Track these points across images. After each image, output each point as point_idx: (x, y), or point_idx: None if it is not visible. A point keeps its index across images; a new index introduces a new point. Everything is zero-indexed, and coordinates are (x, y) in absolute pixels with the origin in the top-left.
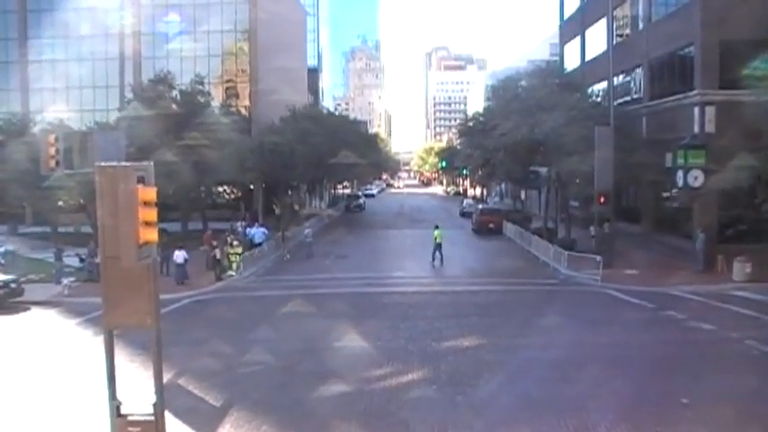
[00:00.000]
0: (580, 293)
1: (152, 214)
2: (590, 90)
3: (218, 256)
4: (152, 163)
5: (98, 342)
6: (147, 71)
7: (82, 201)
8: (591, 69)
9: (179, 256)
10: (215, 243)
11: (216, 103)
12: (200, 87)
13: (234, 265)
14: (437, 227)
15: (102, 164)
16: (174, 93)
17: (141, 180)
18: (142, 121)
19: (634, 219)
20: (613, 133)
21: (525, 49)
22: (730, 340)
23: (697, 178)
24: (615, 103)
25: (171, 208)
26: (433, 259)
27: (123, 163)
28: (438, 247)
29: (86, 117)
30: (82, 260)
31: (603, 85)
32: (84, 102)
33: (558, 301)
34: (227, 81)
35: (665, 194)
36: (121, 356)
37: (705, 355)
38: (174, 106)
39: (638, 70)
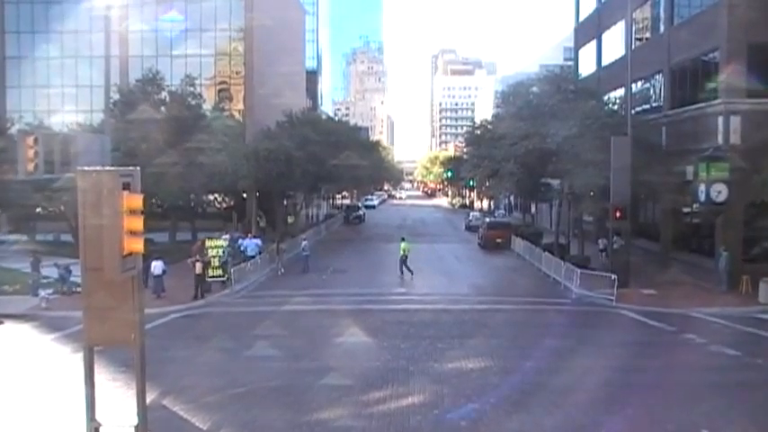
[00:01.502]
0: (593, 314)
1: (138, 223)
2: (606, 97)
3: (197, 270)
4: (138, 168)
5: (77, 359)
6: (134, 71)
7: (62, 207)
8: (607, 75)
9: (156, 266)
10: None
11: (208, 106)
12: (192, 89)
13: (219, 271)
14: (403, 239)
15: (85, 168)
16: (164, 94)
17: (127, 186)
18: (128, 123)
19: (652, 235)
20: (631, 144)
21: (537, 53)
22: (756, 367)
23: (720, 192)
24: (633, 112)
25: (158, 217)
26: (401, 273)
27: (108, 168)
28: (404, 260)
29: (68, 118)
30: (68, 271)
31: (621, 92)
32: (66, 102)
33: (569, 321)
34: (221, 83)
35: (686, 210)
36: (102, 375)
37: (728, 382)
38: (162, 109)
39: (659, 77)
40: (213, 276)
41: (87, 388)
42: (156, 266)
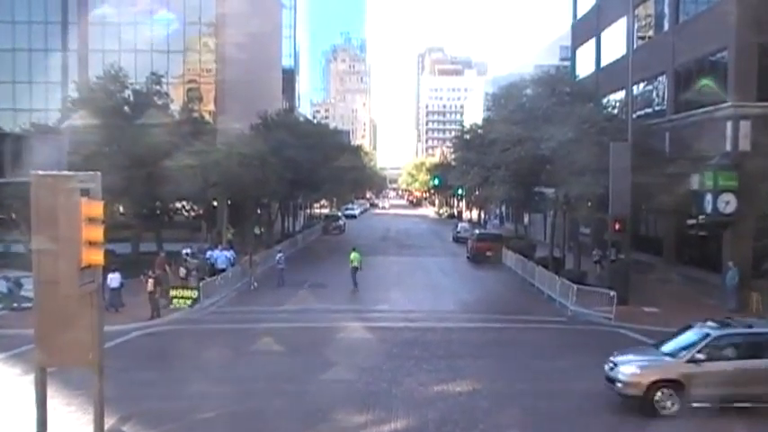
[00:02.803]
0: (590, 333)
1: (98, 233)
2: (605, 100)
3: (149, 287)
4: (99, 173)
5: (27, 382)
6: (94, 66)
7: (13, 215)
8: (607, 77)
9: (113, 279)
10: (168, 268)
11: (175, 106)
12: (158, 87)
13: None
14: (354, 249)
15: (40, 172)
16: (127, 93)
17: (86, 193)
18: (88, 124)
19: (654, 249)
20: (631, 150)
21: (532, 53)
22: None
23: (728, 203)
24: (634, 116)
25: (120, 226)
26: (355, 285)
27: (65, 172)
28: (354, 270)
29: (21, 117)
30: (19, 285)
31: (621, 94)
32: (18, 99)
33: (564, 341)
34: (189, 81)
35: (691, 221)
36: (56, 399)
37: (740, 410)
38: (126, 108)
39: (662, 78)
40: (177, 298)
41: (39, 413)
42: (113, 279)
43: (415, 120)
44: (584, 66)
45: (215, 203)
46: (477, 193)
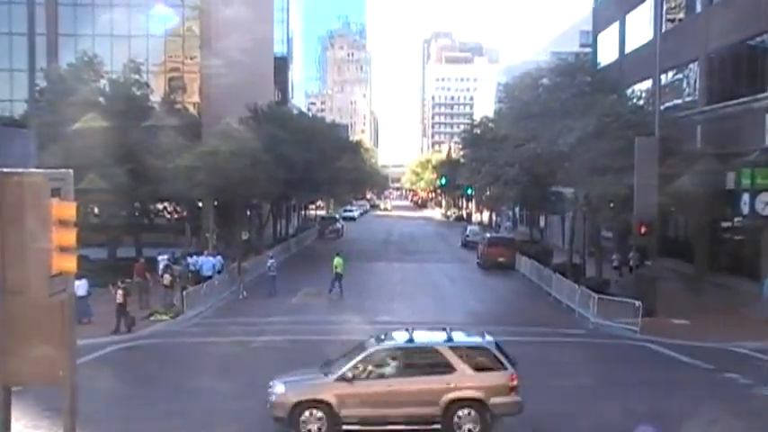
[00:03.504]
0: (614, 348)
1: (70, 236)
2: (630, 91)
3: (119, 299)
4: (71, 171)
5: None
6: (66, 53)
7: None
8: (632, 64)
9: (79, 286)
10: (148, 275)
11: (156, 97)
12: (137, 77)
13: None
14: (338, 254)
15: (5, 170)
16: (102, 82)
17: (57, 192)
18: (59, 116)
19: (684, 254)
20: (659, 146)
21: (548, 38)
22: None
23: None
24: (662, 108)
25: (96, 229)
26: (331, 290)
27: (33, 170)
28: (338, 277)
29: None
30: None
31: (648, 84)
32: None
33: (585, 356)
34: (172, 70)
35: (726, 224)
36: (21, 421)
37: None
38: (101, 99)
39: (694, 66)
40: (157, 314)
41: None
42: (79, 286)
43: (420, 113)
44: (607, 53)
45: (200, 204)
46: (488, 193)
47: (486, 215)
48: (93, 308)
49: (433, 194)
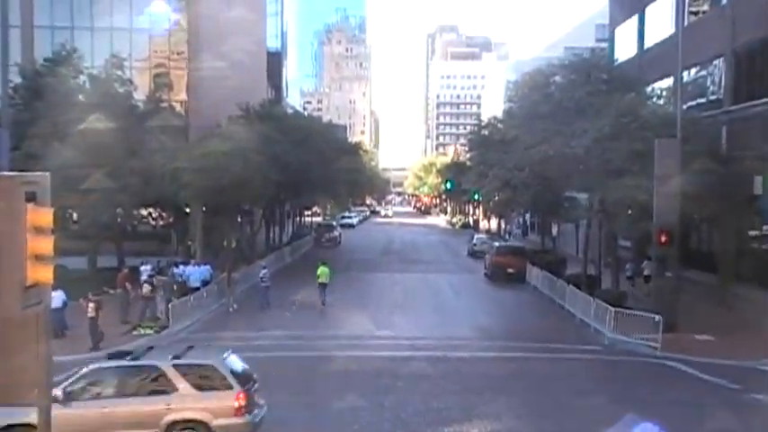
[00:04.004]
0: (632, 365)
1: (46, 244)
2: (649, 89)
3: (90, 312)
4: (48, 174)
5: None
6: (42, 47)
7: None
8: (652, 61)
9: (55, 298)
10: (130, 286)
11: (140, 94)
12: (119, 72)
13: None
14: (324, 263)
15: None
16: (82, 78)
17: (32, 197)
18: (34, 115)
19: (707, 265)
20: (681, 148)
21: (561, 33)
22: None
23: None
24: (684, 107)
25: (74, 237)
26: (323, 302)
27: (6, 172)
28: (322, 287)
29: None
30: None
31: (669, 82)
32: None
33: (601, 374)
34: (157, 66)
35: (753, 233)
36: None
37: None
38: (80, 97)
39: (719, 62)
40: (141, 328)
41: None
42: (55, 298)
43: (423, 113)
44: (625, 48)
45: (187, 210)
46: (496, 198)
47: (494, 222)
48: (68, 321)
49: (438, 200)
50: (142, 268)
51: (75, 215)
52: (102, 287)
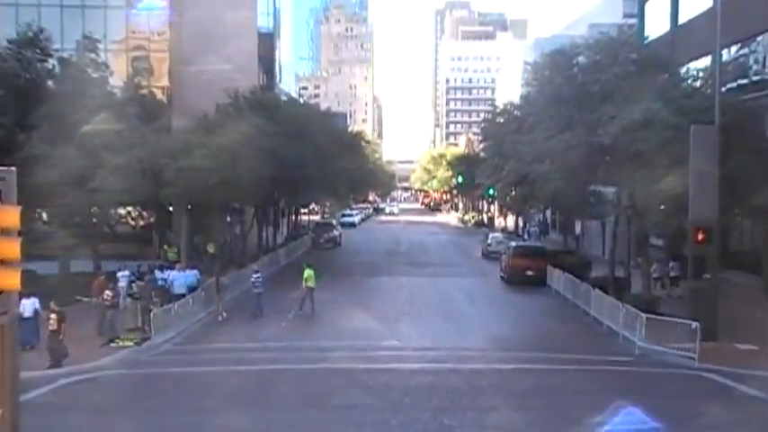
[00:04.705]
0: (666, 378)
1: (13, 248)
2: (684, 70)
3: (52, 325)
4: (14, 169)
5: None
6: (5, 26)
7: None
8: (686, 38)
9: (26, 306)
10: (108, 294)
11: (117, 80)
12: (92, 55)
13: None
14: (308, 265)
15: None
16: (51, 62)
17: None
18: None
19: (749, 266)
20: (720, 135)
21: (585, 8)
22: None
23: None
24: (723, 90)
25: (45, 239)
26: (300, 308)
27: None
28: (308, 291)
29: None
30: None
31: (706, 61)
32: None
33: (632, 388)
34: (135, 48)
35: None
36: None
37: None
38: (49, 83)
39: (763, 38)
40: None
41: None
42: (26, 306)
43: (432, 99)
44: (656, 24)
45: (171, 209)
46: (513, 193)
47: (510, 220)
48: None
49: (448, 196)
50: (119, 274)
51: (44, 215)
52: (74, 295)
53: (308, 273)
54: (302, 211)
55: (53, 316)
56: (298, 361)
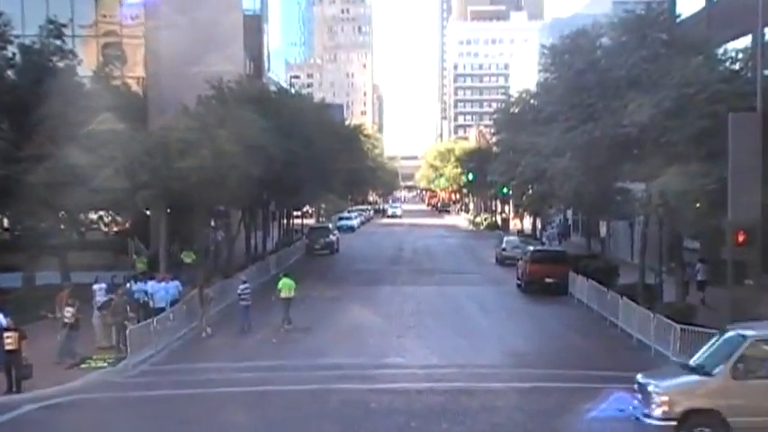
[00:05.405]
0: None
1: None
2: (721, 51)
3: (10, 344)
4: None
5: None
6: None
7: None
8: (724, 15)
9: None
10: (68, 311)
11: (86, 69)
12: (58, 42)
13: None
14: (286, 274)
15: None
16: (11, 50)
17: None
18: None
19: None
20: (762, 124)
21: None
22: None
23: None
24: (766, 73)
25: (7, 248)
26: (289, 322)
27: None
28: (285, 302)
29: None
30: None
31: (746, 42)
32: None
33: None
34: (106, 33)
35: None
36: None
37: None
38: (9, 73)
39: None
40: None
41: None
42: None
43: (438, 87)
44: (689, 1)
45: (148, 212)
46: (529, 192)
47: (527, 222)
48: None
49: (457, 195)
50: (95, 287)
51: (5, 221)
52: (39, 310)
53: (284, 282)
54: (295, 214)
55: (9, 334)
56: (291, 381)
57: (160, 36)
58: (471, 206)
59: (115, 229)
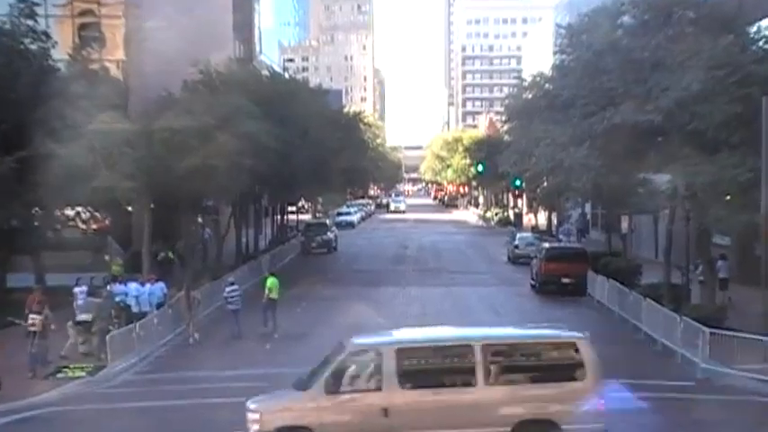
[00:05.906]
0: (735, 407)
1: None
2: (753, 29)
3: None
4: None
5: None
6: None
7: None
8: None
9: None
10: (33, 318)
11: (61, 53)
12: (30, 23)
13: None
14: (272, 274)
15: None
16: None
17: None
18: None
19: None
20: None
21: None
22: None
23: None
24: None
25: None
26: (265, 324)
27: None
28: (271, 304)
29: None
30: None
31: None
32: None
33: (693, 420)
34: (82, 13)
35: None
36: None
37: None
38: None
39: None
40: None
41: None
42: None
43: (444, 72)
44: None
45: (129, 209)
46: (545, 184)
47: (542, 217)
48: None
49: (466, 188)
50: (76, 290)
51: None
52: (8, 316)
53: (270, 282)
54: (289, 209)
55: None
56: None
57: (141, 16)
58: (481, 200)
59: (94, 226)
